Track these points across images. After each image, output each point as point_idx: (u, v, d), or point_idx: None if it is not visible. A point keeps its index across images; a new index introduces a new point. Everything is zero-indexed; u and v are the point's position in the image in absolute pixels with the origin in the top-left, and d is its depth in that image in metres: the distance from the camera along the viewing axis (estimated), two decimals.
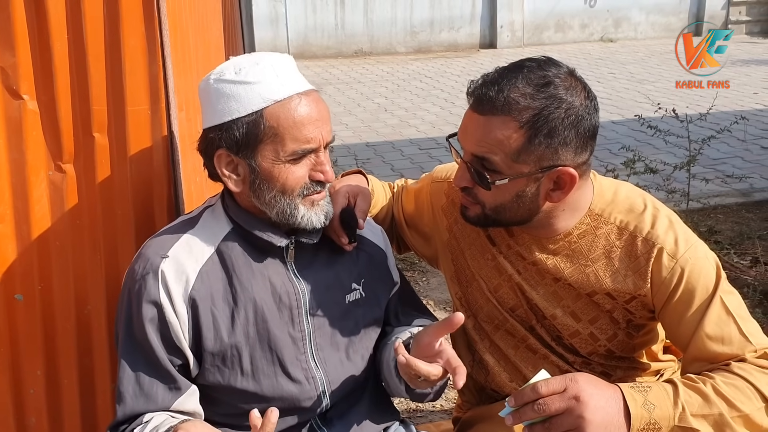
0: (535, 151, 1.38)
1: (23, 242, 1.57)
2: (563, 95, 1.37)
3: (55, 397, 1.66)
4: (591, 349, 1.59)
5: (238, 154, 1.40)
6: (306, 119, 1.38)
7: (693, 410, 1.33)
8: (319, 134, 1.40)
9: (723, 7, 12.71)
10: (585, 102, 1.40)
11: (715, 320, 1.42)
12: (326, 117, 1.43)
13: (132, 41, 1.55)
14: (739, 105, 7.66)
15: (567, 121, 1.37)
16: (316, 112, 1.40)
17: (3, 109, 1.51)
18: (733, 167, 5.69)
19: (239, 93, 1.37)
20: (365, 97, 8.72)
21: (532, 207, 1.47)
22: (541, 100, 1.36)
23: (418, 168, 5.88)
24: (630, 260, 1.49)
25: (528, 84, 1.37)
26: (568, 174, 1.41)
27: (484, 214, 1.49)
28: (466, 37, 12.05)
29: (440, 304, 3.71)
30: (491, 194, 1.44)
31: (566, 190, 1.44)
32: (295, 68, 1.44)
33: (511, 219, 1.50)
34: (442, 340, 1.40)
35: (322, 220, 1.46)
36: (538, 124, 1.36)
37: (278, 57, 1.43)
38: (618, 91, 8.65)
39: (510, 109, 1.37)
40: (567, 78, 1.40)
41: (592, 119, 1.41)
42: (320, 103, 1.42)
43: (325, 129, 1.41)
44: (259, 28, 10.95)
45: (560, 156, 1.40)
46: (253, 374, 1.45)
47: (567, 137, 1.38)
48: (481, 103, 1.40)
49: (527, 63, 1.42)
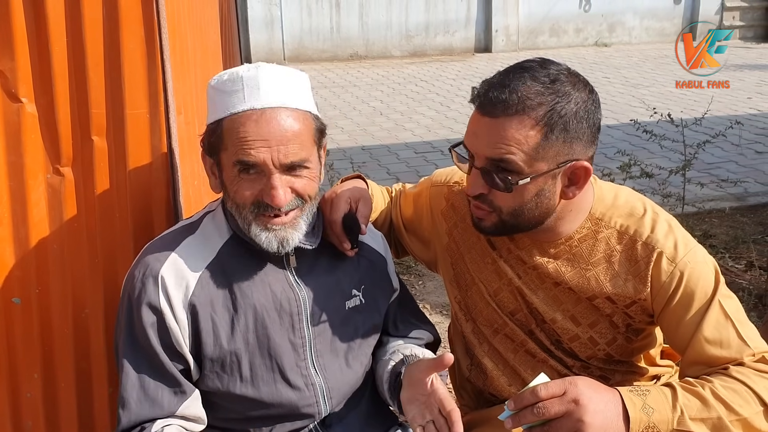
0: (553, 146, 1.39)
1: (21, 246, 1.56)
2: (571, 90, 1.39)
3: (52, 401, 1.66)
4: (590, 353, 1.59)
5: (211, 157, 1.44)
6: (250, 136, 1.33)
7: (692, 414, 1.33)
8: (264, 155, 1.33)
9: (717, 12, 12.78)
10: (590, 96, 1.42)
11: (713, 324, 1.42)
12: (281, 138, 1.34)
13: (131, 45, 1.54)
14: (733, 110, 7.69)
15: (579, 115, 1.39)
16: (266, 131, 1.33)
17: (1, 113, 1.50)
18: (728, 171, 5.71)
19: (215, 100, 1.40)
20: (361, 100, 8.73)
21: (550, 206, 1.46)
22: (553, 96, 1.37)
23: (414, 172, 5.89)
24: (630, 264, 1.49)
25: (536, 82, 1.38)
26: (583, 167, 1.42)
27: (501, 220, 1.47)
28: (462, 41, 12.07)
29: (437, 307, 3.71)
30: (511, 197, 1.42)
31: (581, 184, 1.44)
32: (275, 83, 1.37)
33: (528, 221, 1.47)
34: (432, 378, 1.38)
35: (274, 246, 1.39)
36: (554, 119, 1.37)
37: (263, 70, 1.38)
38: (613, 95, 8.68)
39: (525, 108, 1.37)
40: (569, 74, 1.42)
41: (597, 113, 1.43)
42: (278, 122, 1.34)
43: (276, 150, 1.33)
44: (255, 32, 10.95)
45: (574, 150, 1.41)
46: (252, 380, 1.45)
47: (579, 130, 1.39)
48: (494, 106, 1.39)
49: (528, 64, 1.42)
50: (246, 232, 1.41)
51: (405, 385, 1.46)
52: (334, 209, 1.55)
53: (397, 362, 1.56)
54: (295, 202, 1.39)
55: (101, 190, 1.59)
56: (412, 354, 1.58)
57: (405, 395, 1.45)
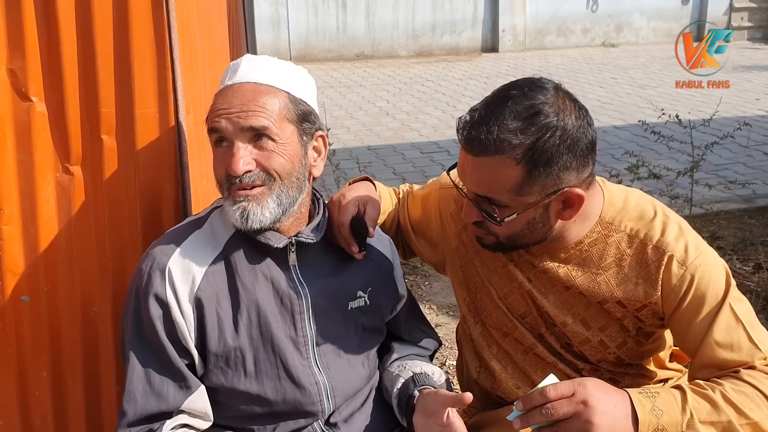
0: (537, 182, 1.37)
1: (30, 244, 1.57)
2: (554, 122, 1.34)
3: (60, 399, 1.66)
4: (600, 357, 1.59)
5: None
6: (219, 105, 1.40)
7: (701, 417, 1.33)
8: (227, 123, 1.37)
9: (725, 13, 12.73)
10: (577, 122, 1.37)
11: (724, 327, 1.42)
12: (241, 104, 1.37)
13: (141, 44, 1.55)
14: (741, 111, 7.65)
15: (563, 147, 1.35)
16: (235, 101, 1.38)
17: (12, 111, 1.51)
18: (736, 173, 5.68)
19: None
20: (367, 100, 8.72)
21: (545, 229, 1.47)
22: (533, 133, 1.33)
23: (420, 172, 5.88)
24: (641, 268, 1.49)
25: (516, 118, 1.34)
26: (575, 194, 1.41)
27: (500, 243, 1.50)
28: (468, 40, 12.06)
29: (443, 308, 3.70)
30: (503, 228, 1.44)
31: (576, 207, 1.43)
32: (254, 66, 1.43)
33: (527, 243, 1.50)
34: (449, 411, 1.39)
35: (237, 219, 1.39)
36: (535, 156, 1.34)
37: (248, 57, 1.46)
38: (620, 96, 8.65)
39: (503, 149, 1.34)
40: (554, 101, 1.36)
41: (587, 136, 1.38)
42: (242, 92, 1.38)
43: (237, 116, 1.36)
44: (261, 31, 10.95)
45: (563, 179, 1.38)
46: (256, 376, 1.45)
47: (566, 161, 1.36)
48: (472, 145, 1.37)
49: (512, 93, 1.38)
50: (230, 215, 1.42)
51: (419, 411, 1.48)
52: (342, 212, 1.55)
53: (407, 379, 1.58)
54: (260, 175, 1.39)
55: (110, 189, 1.59)
56: (422, 372, 1.60)
57: (419, 422, 1.48)
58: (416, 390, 1.53)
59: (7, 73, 1.49)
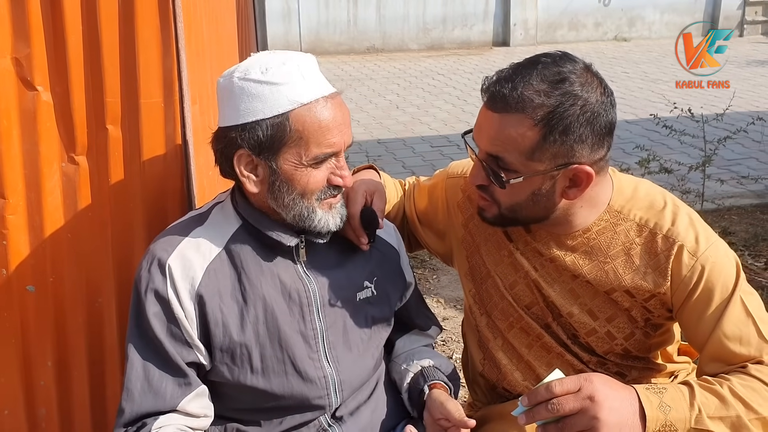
0: (550, 148, 1.36)
1: (36, 234, 1.57)
2: (578, 92, 1.35)
3: (65, 389, 1.66)
4: (607, 348, 1.57)
5: (260, 156, 1.37)
6: (331, 123, 1.37)
7: (710, 412, 1.31)
8: (341, 139, 1.39)
9: (739, 7, 12.60)
10: (601, 98, 1.38)
11: (734, 320, 1.40)
12: (348, 121, 1.42)
13: (146, 34, 1.54)
14: (754, 106, 7.59)
15: (582, 118, 1.35)
16: (340, 116, 1.39)
17: (17, 100, 1.50)
18: (749, 168, 5.64)
19: (265, 93, 1.34)
20: (377, 93, 8.71)
21: (548, 205, 1.45)
22: (556, 97, 1.34)
23: (430, 165, 5.87)
24: (650, 257, 1.47)
25: (543, 81, 1.35)
26: (584, 172, 1.39)
27: (501, 213, 1.48)
28: (479, 34, 12.01)
29: (451, 302, 3.69)
30: (506, 193, 1.43)
31: (582, 187, 1.42)
32: (318, 69, 1.42)
33: (527, 217, 1.48)
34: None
35: (338, 223, 1.46)
36: (553, 121, 1.34)
37: (304, 57, 1.41)
38: (632, 90, 8.60)
39: (524, 107, 1.35)
40: (583, 74, 1.38)
41: (608, 115, 1.39)
42: (343, 106, 1.41)
43: (346, 133, 1.41)
44: (272, 24, 10.95)
45: (576, 153, 1.38)
46: (263, 372, 1.44)
47: (583, 134, 1.36)
48: (495, 101, 1.38)
49: (542, 59, 1.40)
50: (303, 220, 1.41)
51: (427, 410, 1.52)
52: (351, 202, 1.54)
53: (416, 374, 1.60)
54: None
55: (115, 179, 1.59)
56: (431, 365, 1.62)
57: (428, 419, 1.52)
58: (426, 386, 1.55)
59: (12, 63, 1.49)
